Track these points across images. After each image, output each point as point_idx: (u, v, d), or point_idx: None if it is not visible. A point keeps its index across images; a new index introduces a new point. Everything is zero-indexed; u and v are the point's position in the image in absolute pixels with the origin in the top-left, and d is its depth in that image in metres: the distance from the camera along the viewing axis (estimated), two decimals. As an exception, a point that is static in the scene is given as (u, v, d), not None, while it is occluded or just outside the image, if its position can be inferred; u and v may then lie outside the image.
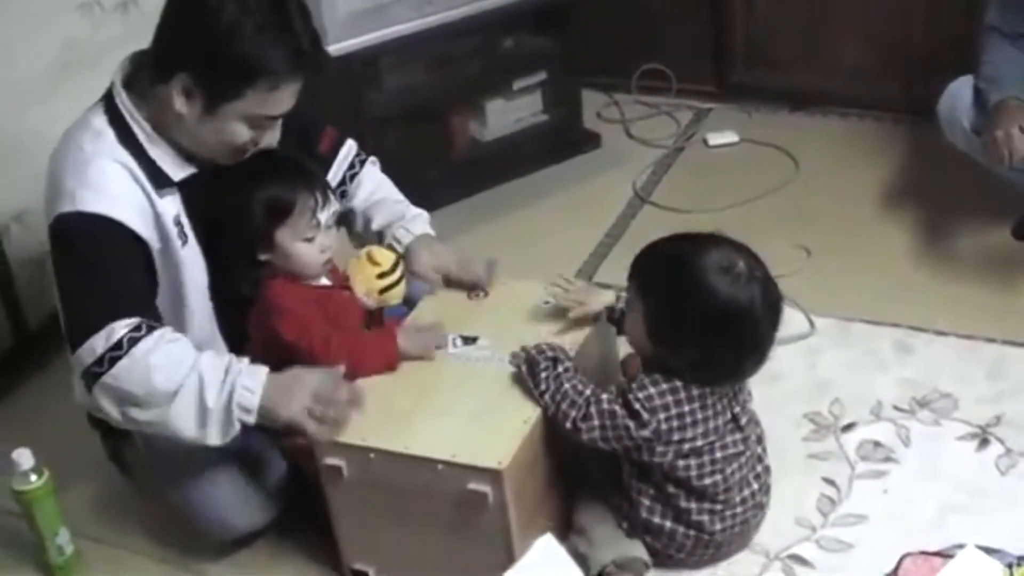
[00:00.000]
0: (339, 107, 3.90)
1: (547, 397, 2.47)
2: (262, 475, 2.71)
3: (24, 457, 2.64)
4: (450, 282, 2.90)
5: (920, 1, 4.14)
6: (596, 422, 2.43)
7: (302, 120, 2.80)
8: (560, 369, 2.48)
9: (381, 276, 2.82)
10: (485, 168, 4.20)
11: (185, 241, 2.61)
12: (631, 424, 2.41)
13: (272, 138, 2.61)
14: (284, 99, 2.52)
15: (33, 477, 2.64)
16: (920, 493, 2.74)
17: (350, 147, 3.00)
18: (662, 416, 2.41)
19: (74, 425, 2.88)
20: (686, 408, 2.42)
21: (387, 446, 2.46)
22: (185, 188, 2.60)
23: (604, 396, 2.45)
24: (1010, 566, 2.47)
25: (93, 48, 3.38)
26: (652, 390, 2.42)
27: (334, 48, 3.67)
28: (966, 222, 3.69)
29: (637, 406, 2.41)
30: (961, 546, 2.52)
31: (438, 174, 4.14)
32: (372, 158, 3.06)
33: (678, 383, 2.42)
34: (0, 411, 3.32)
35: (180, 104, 2.47)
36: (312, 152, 2.89)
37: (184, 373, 2.45)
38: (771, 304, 2.42)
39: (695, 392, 2.43)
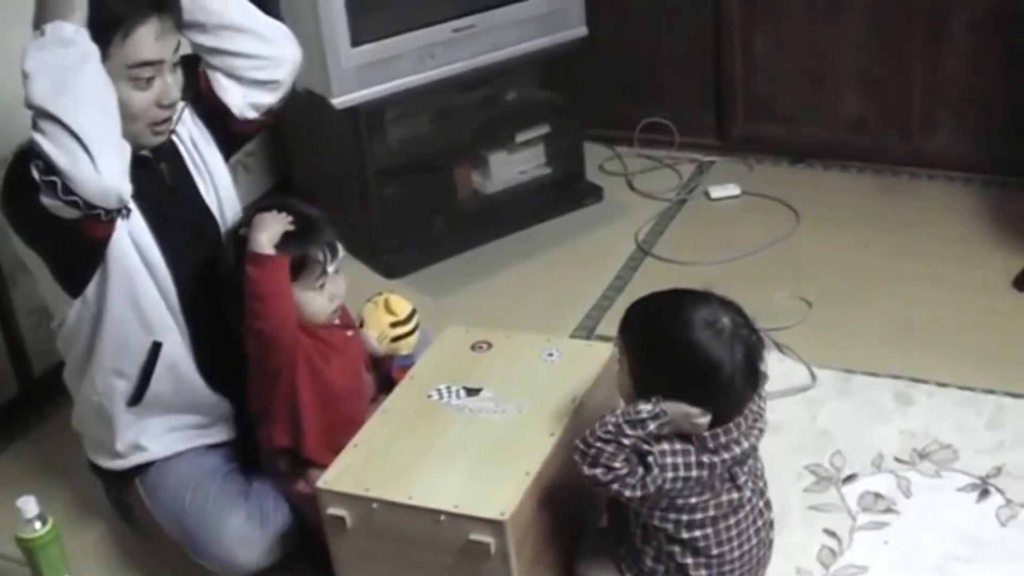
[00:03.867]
0: (344, 159, 3.95)
1: (582, 445, 2.39)
2: (267, 518, 2.73)
3: (29, 505, 2.64)
4: None
5: (918, 54, 4.18)
6: (603, 461, 2.37)
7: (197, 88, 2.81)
8: (619, 453, 2.37)
9: (395, 325, 2.85)
10: (488, 220, 4.23)
11: (126, 215, 2.58)
12: (639, 471, 2.37)
13: (168, 92, 2.58)
14: (146, 42, 2.50)
15: (38, 524, 2.64)
16: (921, 544, 2.74)
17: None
18: (669, 475, 2.37)
19: (78, 472, 2.90)
20: (693, 474, 2.38)
21: (390, 496, 2.47)
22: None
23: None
24: (1010, 617, 2.48)
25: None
26: (666, 445, 2.38)
27: (339, 101, 3.72)
28: (966, 273, 3.71)
29: (650, 459, 2.37)
30: (961, 597, 2.54)
31: (441, 226, 4.17)
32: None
33: (691, 447, 2.39)
34: (5, 459, 3.33)
35: None
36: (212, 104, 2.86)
37: None
38: (752, 363, 2.39)
39: (704, 460, 2.39)
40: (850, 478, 2.95)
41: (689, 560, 2.48)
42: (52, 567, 2.69)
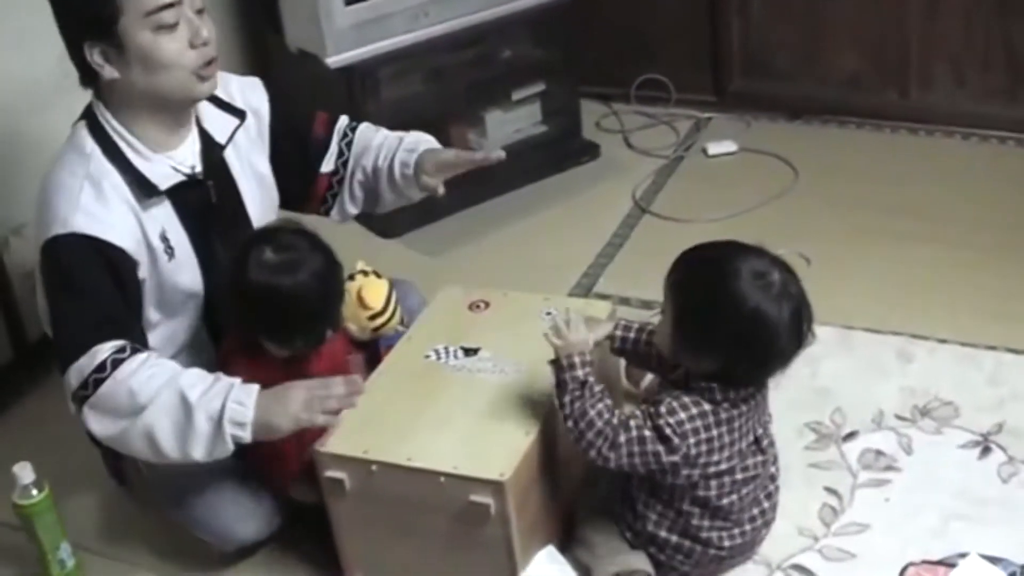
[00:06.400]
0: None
1: (570, 423, 2.42)
2: (263, 490, 2.71)
3: (25, 471, 2.63)
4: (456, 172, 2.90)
5: (915, 10, 4.15)
6: (624, 450, 2.39)
7: (289, 114, 2.86)
8: (587, 395, 2.41)
9: (372, 318, 2.81)
10: (484, 179, 4.18)
11: (171, 256, 2.62)
12: (661, 449, 2.38)
13: (198, 32, 2.51)
14: None
15: (34, 491, 2.64)
16: (922, 502, 2.74)
17: (342, 121, 3.00)
18: (692, 440, 2.38)
19: (75, 438, 2.87)
20: (714, 432, 2.40)
21: (389, 459, 2.46)
22: (174, 196, 2.61)
23: (632, 423, 2.40)
24: (1013, 574, 2.47)
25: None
26: (683, 415, 2.38)
27: (333, 60, 3.69)
28: (965, 229, 3.69)
29: (668, 431, 2.37)
30: (964, 555, 2.53)
31: (437, 185, 4.14)
32: (365, 123, 3.04)
33: (706, 407, 2.39)
34: (0, 425, 3.31)
35: (110, 71, 2.49)
36: (309, 141, 2.91)
37: (164, 389, 2.45)
38: (798, 322, 2.37)
39: (723, 416, 2.40)
40: (851, 435, 2.94)
41: (706, 523, 2.49)
42: (48, 533, 2.69)
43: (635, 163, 4.32)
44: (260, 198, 2.82)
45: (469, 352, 2.73)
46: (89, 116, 2.60)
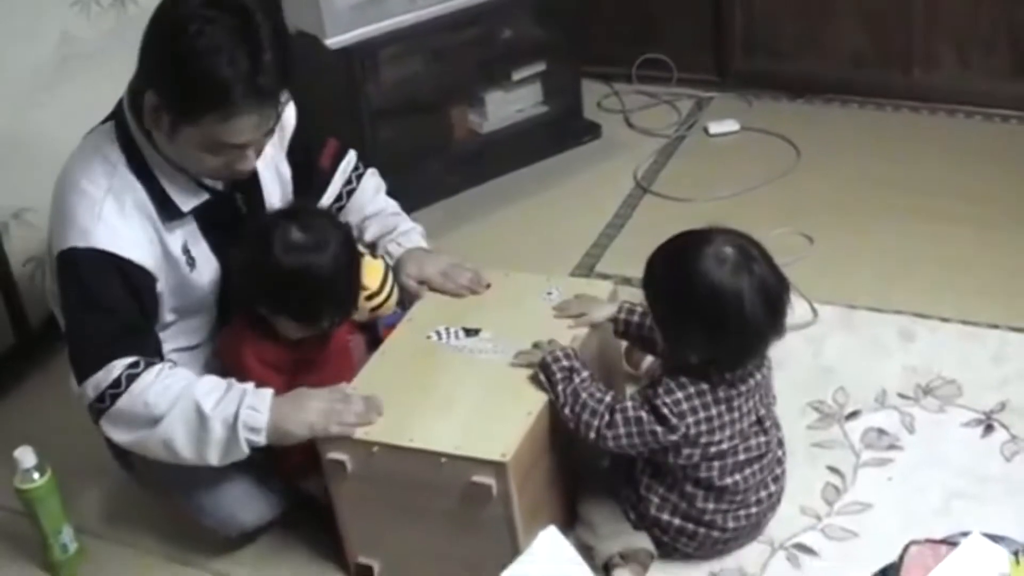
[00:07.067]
0: (338, 100, 3.91)
1: (566, 410, 2.45)
2: (266, 475, 2.70)
3: (26, 455, 2.64)
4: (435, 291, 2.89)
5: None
6: (622, 429, 2.41)
7: (306, 132, 2.82)
8: (576, 380, 2.45)
9: (370, 297, 2.80)
10: (485, 160, 4.20)
11: (193, 266, 2.61)
12: (659, 429, 2.39)
13: (246, 164, 2.51)
14: (241, 129, 2.40)
15: (36, 475, 2.64)
16: (925, 480, 2.73)
17: (349, 161, 2.99)
18: (691, 420, 2.39)
19: (77, 422, 2.87)
20: (713, 411, 2.40)
21: (390, 440, 2.45)
22: (199, 212, 2.59)
23: (628, 404, 2.42)
24: (1016, 553, 2.46)
25: (90, 44, 3.37)
26: (680, 394, 2.39)
27: (332, 41, 3.68)
28: (968, 208, 3.68)
29: (665, 411, 2.38)
30: (966, 533, 2.51)
31: (438, 166, 4.14)
32: (371, 169, 3.04)
33: (704, 386, 2.40)
34: (2, 409, 3.32)
35: (151, 121, 2.44)
36: (313, 167, 2.89)
37: (179, 400, 2.46)
38: (767, 296, 2.36)
39: (721, 394, 2.41)
40: (853, 414, 2.94)
41: (711, 505, 2.49)
42: (51, 517, 2.69)
43: (636, 143, 4.31)
44: (281, 200, 2.80)
45: (470, 333, 2.73)
46: (118, 121, 2.55)
